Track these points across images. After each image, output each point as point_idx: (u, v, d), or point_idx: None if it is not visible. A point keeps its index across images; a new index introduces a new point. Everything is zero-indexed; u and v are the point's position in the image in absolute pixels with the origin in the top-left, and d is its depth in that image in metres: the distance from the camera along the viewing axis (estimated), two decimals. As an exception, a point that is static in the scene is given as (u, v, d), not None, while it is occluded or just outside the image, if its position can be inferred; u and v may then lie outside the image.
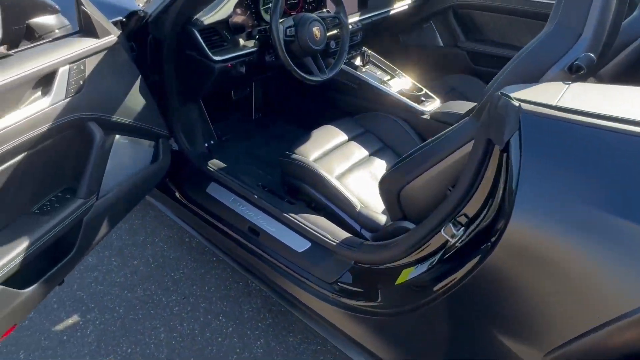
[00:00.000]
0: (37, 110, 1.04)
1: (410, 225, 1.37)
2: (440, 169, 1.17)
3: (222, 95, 2.24)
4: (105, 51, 1.26)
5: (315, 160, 1.71)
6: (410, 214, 1.37)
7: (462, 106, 1.92)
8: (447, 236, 1.04)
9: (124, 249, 2.00)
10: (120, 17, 1.46)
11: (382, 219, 1.53)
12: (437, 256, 1.10)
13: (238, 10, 1.77)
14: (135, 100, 1.41)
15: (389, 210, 1.43)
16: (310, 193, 1.65)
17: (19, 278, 1.03)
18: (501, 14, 2.34)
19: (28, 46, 1.09)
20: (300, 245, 1.50)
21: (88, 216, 1.21)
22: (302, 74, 1.64)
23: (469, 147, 1.08)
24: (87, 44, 1.19)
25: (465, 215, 1.03)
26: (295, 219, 1.52)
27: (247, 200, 1.65)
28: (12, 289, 1.00)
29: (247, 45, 1.73)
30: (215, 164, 1.81)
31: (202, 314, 1.73)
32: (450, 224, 1.05)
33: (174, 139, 1.82)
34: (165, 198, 1.91)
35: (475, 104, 1.96)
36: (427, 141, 1.24)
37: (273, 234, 1.55)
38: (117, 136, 1.36)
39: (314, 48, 1.67)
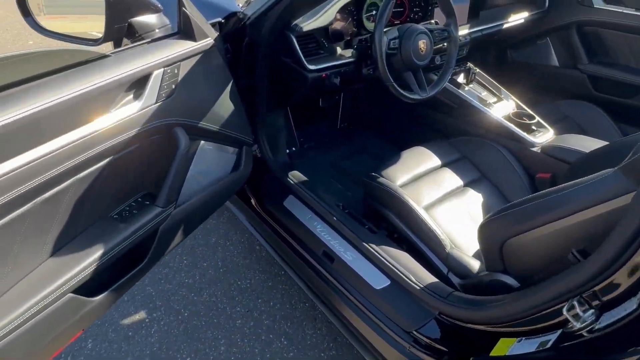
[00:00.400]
0: (127, 114, 1.00)
1: (511, 281, 1.17)
2: (564, 226, 0.97)
3: (309, 102, 2.15)
4: (201, 55, 1.20)
5: (403, 185, 1.55)
6: (512, 269, 1.17)
7: (583, 142, 1.65)
8: (569, 316, 0.84)
9: (196, 249, 1.99)
10: (219, 18, 1.41)
11: (475, 265, 1.34)
12: (552, 337, 0.90)
13: (339, 16, 1.66)
14: (225, 106, 1.34)
15: (486, 259, 1.24)
16: (395, 223, 1.50)
17: (89, 285, 1.00)
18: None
19: (126, 47, 1.05)
20: (378, 281, 1.35)
21: (164, 225, 1.17)
22: (401, 91, 1.49)
23: (607, 206, 0.87)
24: (183, 47, 1.14)
25: (599, 294, 0.83)
26: (376, 251, 1.38)
27: (324, 221, 1.54)
28: (82, 297, 0.97)
29: (344, 54, 1.61)
30: (295, 176, 1.71)
31: (264, 331, 1.65)
32: (576, 302, 0.85)
33: (257, 146, 1.76)
34: (241, 203, 1.86)
35: (599, 140, 1.70)
36: (548, 190, 1.04)
37: (349, 263, 1.42)
38: (202, 142, 1.30)
39: (417, 63, 1.51)
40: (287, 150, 2.15)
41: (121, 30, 1.12)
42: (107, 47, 1.20)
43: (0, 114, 0.75)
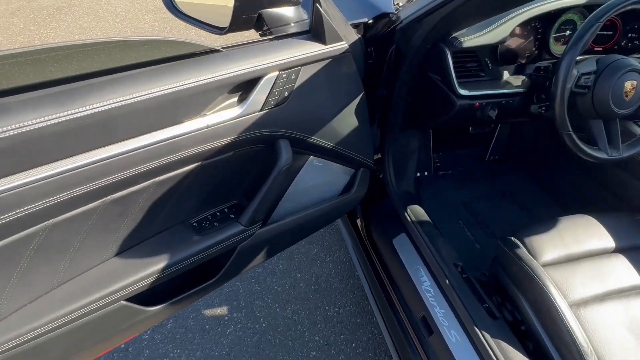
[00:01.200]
0: (223, 119, 0.87)
1: None
2: None
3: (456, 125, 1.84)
4: (329, 60, 1.02)
5: (549, 265, 1.17)
6: None
7: None
8: None
9: (294, 255, 1.87)
10: (365, 19, 1.21)
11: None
12: None
13: (518, 32, 1.31)
14: (347, 120, 1.15)
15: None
16: (524, 311, 1.14)
17: (147, 293, 0.92)
18: None
19: (241, 43, 0.92)
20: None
21: (245, 244, 1.04)
22: (580, 145, 1.11)
23: None
24: (309, 49, 0.97)
25: None
26: (488, 343, 1.06)
27: (434, 280, 1.25)
28: (135, 306, 0.90)
29: (511, 82, 1.27)
30: (415, 212, 1.45)
31: (337, 375, 1.46)
32: None
33: (380, 168, 1.53)
34: (347, 222, 1.67)
35: None
36: None
37: (450, 344, 1.12)
38: (312, 157, 1.13)
39: (615, 111, 1.09)
40: (417, 174, 1.88)
41: (249, 21, 1.00)
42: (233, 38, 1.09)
43: (74, 106, 0.67)
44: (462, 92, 1.18)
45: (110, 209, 0.80)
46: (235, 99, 0.90)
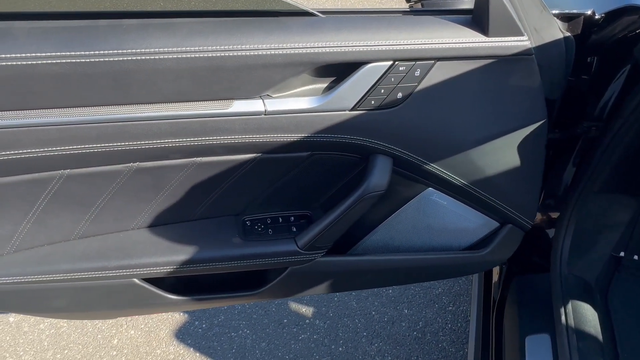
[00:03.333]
0: (292, 108, 0.63)
1: None
2: None
3: None
4: (490, 61, 0.67)
5: None
6: None
7: None
8: None
9: (411, 286, 1.56)
10: (590, 10, 0.77)
11: None
12: None
13: None
14: (501, 155, 0.77)
15: None
16: None
17: (173, 281, 0.80)
18: None
19: (350, 10, 0.65)
20: None
21: (299, 268, 0.81)
22: None
23: None
24: (456, 37, 0.64)
25: None
26: None
27: None
28: (152, 289, 0.78)
29: None
30: (581, 311, 0.97)
31: None
32: None
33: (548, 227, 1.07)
34: (482, 281, 1.26)
35: None
36: None
37: None
38: (430, 189, 0.81)
39: None
40: (622, 253, 1.29)
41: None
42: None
43: (82, 48, 0.54)
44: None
45: (138, 178, 0.68)
46: (320, 85, 0.65)
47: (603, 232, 1.06)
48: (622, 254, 1.29)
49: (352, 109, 0.65)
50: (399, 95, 0.65)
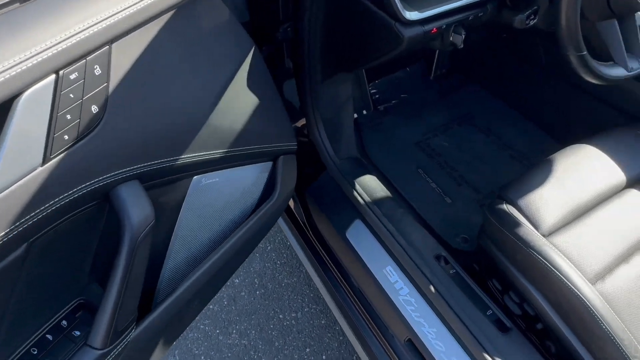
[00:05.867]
0: None
1: None
2: None
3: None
4: (172, 14, 0.53)
5: (554, 231, 0.86)
6: None
7: None
8: None
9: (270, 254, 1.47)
10: None
11: None
12: None
13: None
14: (237, 103, 0.69)
15: None
16: (537, 306, 0.84)
17: None
18: None
19: None
20: None
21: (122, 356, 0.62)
22: (594, 66, 0.73)
23: None
24: (110, 2, 0.47)
25: None
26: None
27: (413, 285, 0.92)
28: None
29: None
30: (366, 184, 1.06)
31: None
32: None
33: (308, 134, 1.11)
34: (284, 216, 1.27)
35: None
36: None
37: (454, 379, 0.82)
38: (195, 179, 0.69)
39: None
40: (355, 115, 1.47)
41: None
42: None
43: None
44: (410, 15, 0.73)
45: None
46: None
47: (342, 111, 1.15)
48: (355, 115, 1.48)
49: (45, 162, 0.44)
50: (94, 108, 0.47)
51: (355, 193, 1.04)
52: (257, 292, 1.38)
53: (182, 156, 0.61)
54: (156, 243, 0.65)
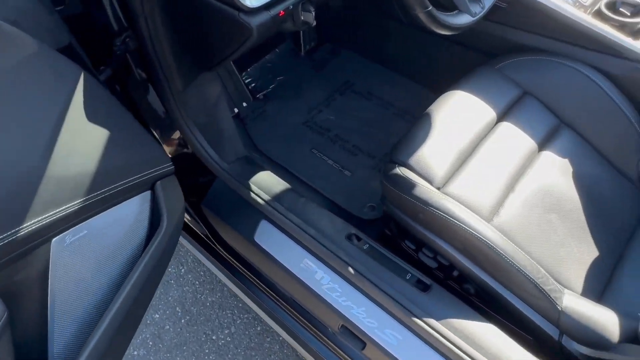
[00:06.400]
0: None
1: None
2: None
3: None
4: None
5: (447, 182, 0.89)
6: None
7: None
8: None
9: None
10: None
11: (612, 324, 0.77)
12: None
13: None
14: (84, 138, 0.60)
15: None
16: (449, 256, 0.87)
17: None
18: None
19: None
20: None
21: None
22: (442, 18, 0.74)
23: None
24: None
25: None
26: (438, 330, 0.79)
27: (333, 271, 0.90)
28: None
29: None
30: (262, 182, 1.02)
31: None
32: None
33: (187, 143, 1.02)
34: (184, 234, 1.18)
35: None
36: None
37: (393, 349, 0.83)
38: (55, 240, 0.58)
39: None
40: (235, 110, 1.40)
41: None
42: None
43: None
44: (251, 1, 0.68)
45: None
46: None
47: (216, 112, 1.07)
48: (236, 110, 1.41)
49: None
50: None
51: (252, 195, 0.99)
52: (182, 321, 1.29)
53: (25, 225, 0.51)
54: (27, 334, 0.55)
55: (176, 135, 1.05)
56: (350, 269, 0.86)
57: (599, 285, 0.87)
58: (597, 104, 1.01)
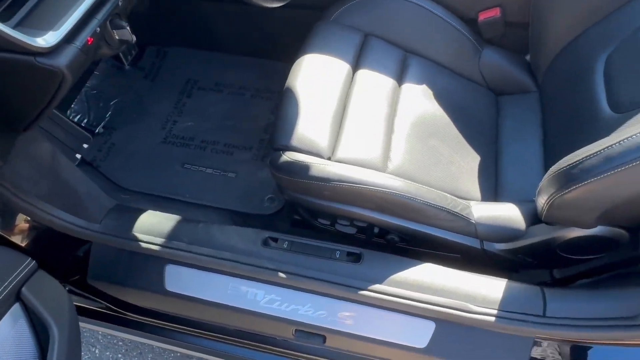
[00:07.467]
0: None
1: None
2: None
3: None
4: None
5: (335, 150, 0.88)
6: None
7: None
8: None
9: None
10: None
11: (515, 216, 0.85)
12: None
13: None
14: None
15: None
16: (361, 217, 0.87)
17: None
18: None
19: None
20: (415, 334, 0.80)
21: None
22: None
23: None
24: None
25: None
26: (381, 292, 0.79)
27: (260, 282, 0.84)
28: None
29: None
30: (147, 226, 0.89)
31: None
32: None
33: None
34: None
35: None
36: None
37: (350, 329, 0.82)
38: None
39: None
40: (78, 155, 1.20)
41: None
42: None
43: None
44: (45, 40, 0.53)
45: None
46: None
47: (54, 172, 0.86)
48: (79, 157, 1.21)
49: None
50: None
51: (143, 244, 0.86)
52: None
53: None
54: None
55: (20, 217, 0.85)
56: (281, 274, 0.81)
57: (492, 186, 0.95)
58: (430, 25, 1.06)
